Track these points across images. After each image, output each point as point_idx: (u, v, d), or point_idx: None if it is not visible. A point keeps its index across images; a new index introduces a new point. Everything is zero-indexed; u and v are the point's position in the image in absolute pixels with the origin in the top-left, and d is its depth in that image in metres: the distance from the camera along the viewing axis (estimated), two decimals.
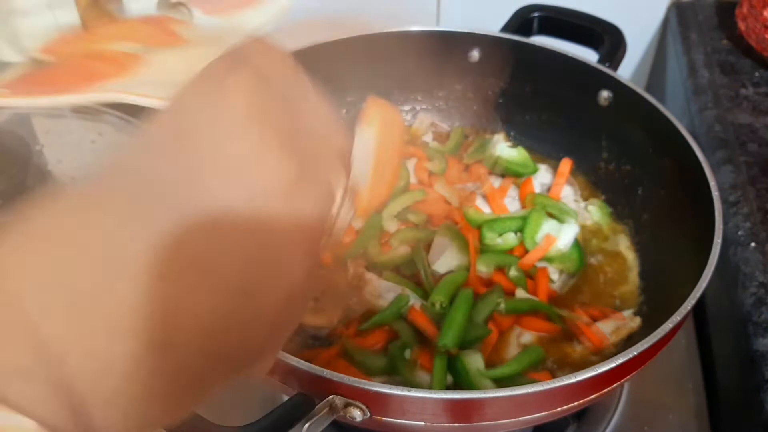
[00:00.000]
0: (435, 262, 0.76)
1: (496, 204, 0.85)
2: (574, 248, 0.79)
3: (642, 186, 0.84)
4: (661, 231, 0.79)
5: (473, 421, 0.54)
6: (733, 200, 0.82)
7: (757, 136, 0.91)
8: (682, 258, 0.70)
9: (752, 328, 0.70)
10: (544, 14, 0.94)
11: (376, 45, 0.91)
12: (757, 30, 1.00)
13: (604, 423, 0.74)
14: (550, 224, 0.80)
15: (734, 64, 1.04)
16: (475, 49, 0.93)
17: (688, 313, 0.58)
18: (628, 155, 0.86)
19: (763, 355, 0.68)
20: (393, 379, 0.66)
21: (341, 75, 0.92)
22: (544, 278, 0.76)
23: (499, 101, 0.97)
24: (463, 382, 0.65)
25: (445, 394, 0.52)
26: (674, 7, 1.17)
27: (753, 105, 0.96)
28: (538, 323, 0.72)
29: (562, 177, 0.87)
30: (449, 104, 1.00)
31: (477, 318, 0.70)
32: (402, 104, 1.00)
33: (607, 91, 0.85)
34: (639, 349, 0.53)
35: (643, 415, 0.75)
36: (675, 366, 0.79)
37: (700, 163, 0.70)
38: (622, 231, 0.84)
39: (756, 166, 0.86)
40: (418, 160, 0.90)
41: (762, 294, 0.72)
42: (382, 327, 0.71)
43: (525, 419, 0.55)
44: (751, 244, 0.77)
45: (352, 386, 0.51)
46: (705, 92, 0.98)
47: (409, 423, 0.54)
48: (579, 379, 0.52)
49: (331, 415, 0.53)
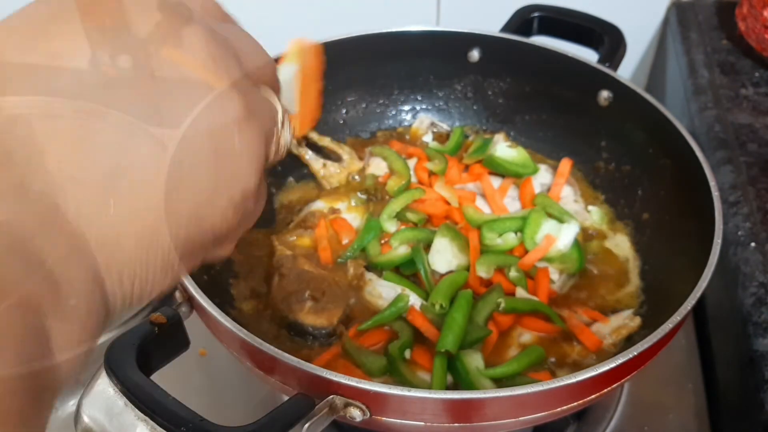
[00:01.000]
0: (435, 262, 0.76)
1: (496, 204, 0.85)
2: (574, 248, 0.79)
3: (642, 186, 0.84)
4: (661, 231, 0.79)
5: (473, 421, 0.54)
6: (733, 200, 0.82)
7: (757, 136, 0.91)
8: (682, 258, 0.70)
9: (752, 328, 0.70)
10: (544, 14, 0.94)
11: (376, 45, 0.92)
12: (757, 30, 1.00)
13: (604, 423, 0.74)
14: (550, 224, 0.80)
15: (734, 64, 1.04)
16: (475, 49, 0.93)
17: (688, 313, 0.58)
18: (628, 155, 0.86)
19: (763, 355, 0.68)
20: (393, 379, 0.66)
21: (341, 75, 0.93)
22: (544, 278, 0.76)
23: (499, 101, 0.97)
24: (463, 382, 0.65)
25: (445, 394, 0.52)
26: (674, 7, 1.17)
27: (753, 105, 0.96)
28: (538, 323, 0.72)
29: (562, 177, 0.87)
30: (449, 104, 1.00)
31: (477, 318, 0.70)
32: (402, 104, 1.00)
33: (607, 91, 0.85)
34: (639, 349, 0.53)
35: (643, 415, 0.75)
36: (675, 366, 0.79)
37: (700, 163, 0.70)
38: (622, 231, 0.84)
39: (756, 166, 0.86)
40: (418, 160, 0.90)
41: (762, 294, 0.72)
42: (382, 327, 0.71)
43: (525, 419, 0.55)
44: (751, 244, 0.77)
45: (352, 386, 0.51)
46: (705, 92, 0.98)
47: (409, 423, 0.54)
48: (579, 379, 0.52)
49: (331, 415, 0.53)
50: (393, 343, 0.68)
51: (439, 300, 0.70)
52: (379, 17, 1.19)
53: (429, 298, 0.72)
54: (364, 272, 0.76)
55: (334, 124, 0.97)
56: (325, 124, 0.96)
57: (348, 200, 0.86)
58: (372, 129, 0.99)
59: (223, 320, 0.56)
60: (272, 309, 0.73)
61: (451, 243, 0.77)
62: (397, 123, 1.00)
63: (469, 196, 0.85)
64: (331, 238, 0.80)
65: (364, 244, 0.78)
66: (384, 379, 0.66)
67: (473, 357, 0.66)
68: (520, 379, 0.65)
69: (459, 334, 0.66)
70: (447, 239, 0.77)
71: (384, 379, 0.66)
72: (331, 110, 0.97)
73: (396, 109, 1.00)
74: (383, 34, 0.91)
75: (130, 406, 0.49)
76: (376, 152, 0.90)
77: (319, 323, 0.70)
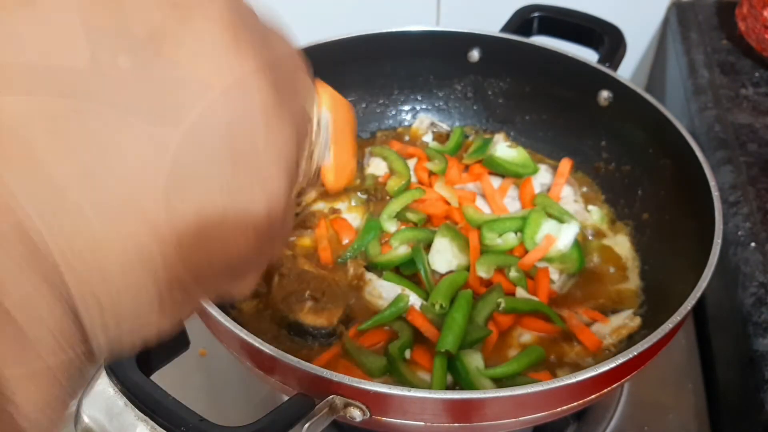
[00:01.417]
0: (435, 262, 0.76)
1: (496, 204, 0.85)
2: (574, 248, 0.79)
3: (642, 186, 0.84)
4: (661, 231, 0.79)
5: (473, 421, 0.54)
6: (733, 200, 0.82)
7: (757, 136, 0.91)
8: (682, 258, 0.70)
9: (752, 328, 0.70)
10: (544, 14, 0.94)
11: (376, 45, 0.92)
12: (757, 30, 1.00)
13: (604, 423, 0.74)
14: (550, 224, 0.80)
15: (734, 64, 1.04)
16: (475, 49, 0.93)
17: (688, 313, 0.58)
18: (628, 155, 0.86)
19: (763, 355, 0.68)
20: (393, 379, 0.66)
21: (341, 75, 0.93)
22: (544, 278, 0.75)
23: (499, 101, 0.97)
24: (463, 382, 0.65)
25: (445, 394, 0.52)
26: (674, 7, 1.17)
27: (753, 105, 0.96)
28: (538, 323, 0.72)
29: (562, 177, 0.87)
30: (449, 104, 1.00)
31: (477, 318, 0.70)
32: (402, 104, 1.00)
33: (607, 91, 0.85)
34: (639, 349, 0.53)
35: (643, 415, 0.75)
36: (675, 366, 0.79)
37: (700, 163, 0.70)
38: (622, 231, 0.84)
39: (756, 166, 0.86)
40: (418, 160, 0.90)
41: (762, 294, 0.72)
42: (382, 327, 0.71)
43: (525, 419, 0.55)
44: (751, 244, 0.77)
45: (352, 386, 0.51)
46: (705, 92, 0.98)
47: (409, 423, 0.54)
48: (579, 379, 0.52)
49: (331, 415, 0.53)
50: (393, 343, 0.68)
51: (439, 300, 0.70)
52: (379, 17, 1.19)
53: (429, 298, 0.72)
54: (364, 272, 0.76)
55: None
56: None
57: (348, 200, 0.86)
58: (372, 129, 0.99)
59: (223, 320, 0.56)
60: (272, 309, 0.73)
61: (451, 243, 0.77)
62: (397, 123, 1.00)
63: (469, 196, 0.85)
64: (331, 238, 0.81)
65: (364, 244, 0.78)
66: (384, 379, 0.66)
67: (473, 357, 0.66)
68: (520, 379, 0.65)
69: (459, 334, 0.66)
70: (447, 239, 0.77)
71: (384, 379, 0.66)
72: None
73: (396, 109, 1.00)
74: (383, 34, 0.91)
75: (130, 406, 0.49)
76: (376, 152, 0.90)
77: (319, 323, 0.70)
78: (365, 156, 0.92)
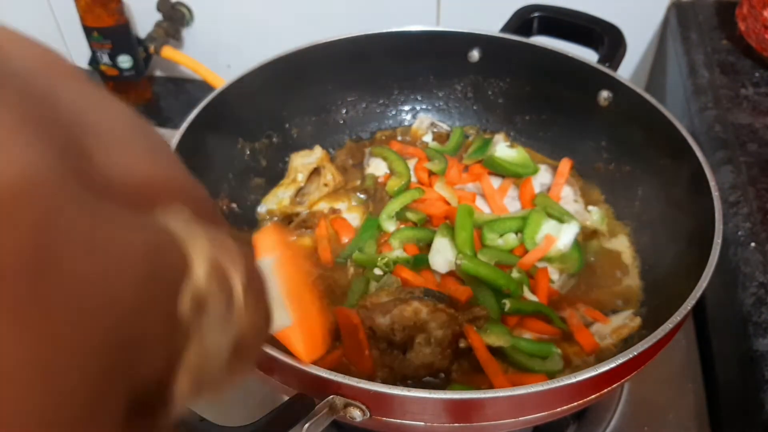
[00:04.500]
0: (435, 262, 0.76)
1: (496, 204, 0.85)
2: (574, 248, 0.79)
3: (642, 186, 0.84)
4: (661, 231, 0.79)
5: (473, 421, 0.54)
6: (733, 200, 0.82)
7: (757, 136, 0.90)
8: (682, 258, 0.70)
9: (752, 328, 0.70)
10: (544, 14, 0.94)
11: (376, 45, 0.92)
12: (757, 30, 1.00)
13: (604, 423, 0.74)
14: (550, 224, 0.80)
15: (734, 64, 1.03)
16: (475, 49, 0.93)
17: (688, 313, 0.58)
18: (628, 155, 0.86)
19: (763, 355, 0.68)
20: (393, 378, 0.66)
21: (341, 75, 0.93)
22: (544, 278, 0.75)
23: (499, 101, 0.97)
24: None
25: (445, 394, 0.52)
26: (674, 7, 1.17)
27: (753, 105, 0.96)
28: (540, 325, 0.72)
29: (562, 177, 0.87)
30: (449, 104, 1.00)
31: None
32: (402, 104, 1.00)
33: (607, 91, 0.85)
34: (639, 349, 0.53)
35: (643, 415, 0.75)
36: (675, 366, 0.79)
37: (700, 163, 0.70)
38: (622, 231, 0.84)
39: (756, 166, 0.86)
40: (418, 160, 0.90)
41: (762, 294, 0.72)
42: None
43: (525, 419, 0.55)
44: (751, 244, 0.77)
45: (352, 386, 0.51)
46: (705, 92, 0.98)
47: (409, 423, 0.54)
48: (579, 379, 0.52)
49: (331, 415, 0.53)
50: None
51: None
52: (379, 17, 1.19)
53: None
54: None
55: (334, 124, 0.97)
56: (326, 125, 0.96)
57: (348, 200, 0.86)
58: (372, 129, 0.99)
59: None
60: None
61: (451, 243, 0.77)
62: (397, 123, 1.00)
63: (469, 196, 0.85)
64: (331, 238, 0.81)
65: (361, 243, 0.78)
66: (384, 377, 0.66)
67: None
68: (530, 361, 0.67)
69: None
70: (447, 239, 0.77)
71: (384, 373, 0.66)
72: (331, 110, 0.97)
73: (396, 109, 1.00)
74: (383, 34, 0.91)
75: None
76: (376, 152, 0.90)
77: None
78: (365, 156, 0.92)
